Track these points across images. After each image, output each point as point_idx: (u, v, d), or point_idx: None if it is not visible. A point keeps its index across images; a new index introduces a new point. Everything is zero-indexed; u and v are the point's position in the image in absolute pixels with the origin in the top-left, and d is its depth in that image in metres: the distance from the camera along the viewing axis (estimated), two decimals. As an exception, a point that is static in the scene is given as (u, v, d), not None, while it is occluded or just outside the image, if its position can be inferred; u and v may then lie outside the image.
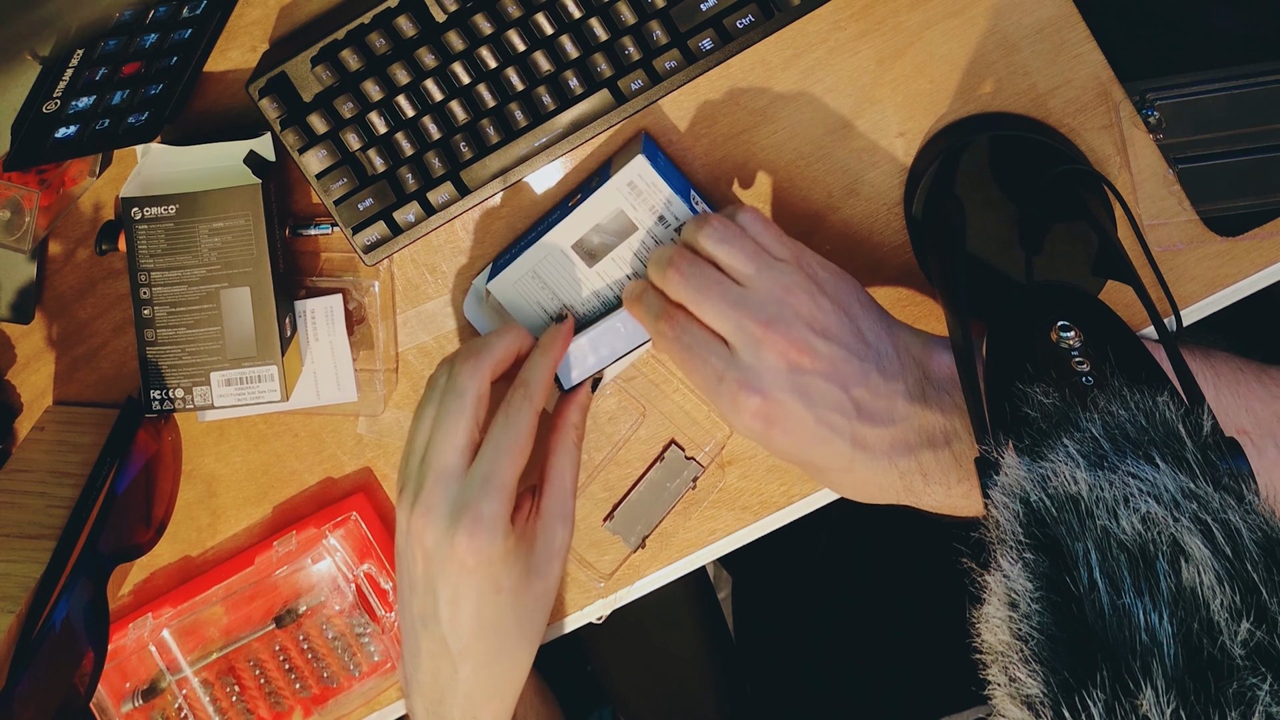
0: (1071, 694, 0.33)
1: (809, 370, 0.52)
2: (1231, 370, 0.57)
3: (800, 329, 0.52)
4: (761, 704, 0.89)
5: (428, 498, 0.55)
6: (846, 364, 0.52)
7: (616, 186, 0.59)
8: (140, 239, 0.61)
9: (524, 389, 0.57)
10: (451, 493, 0.54)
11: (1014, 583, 0.37)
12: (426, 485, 0.55)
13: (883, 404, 0.53)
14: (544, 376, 0.58)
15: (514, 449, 0.55)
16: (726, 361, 0.53)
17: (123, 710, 0.68)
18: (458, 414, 0.55)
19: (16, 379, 0.69)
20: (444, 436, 0.55)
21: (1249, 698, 0.31)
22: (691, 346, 0.54)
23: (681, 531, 0.68)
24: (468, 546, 0.53)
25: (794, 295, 0.53)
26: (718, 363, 0.53)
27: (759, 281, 0.53)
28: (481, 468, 0.55)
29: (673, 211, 0.60)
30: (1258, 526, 0.35)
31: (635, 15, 0.59)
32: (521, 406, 0.56)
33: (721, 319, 0.53)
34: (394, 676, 0.69)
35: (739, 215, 0.56)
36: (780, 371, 0.52)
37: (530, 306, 0.62)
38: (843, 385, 0.52)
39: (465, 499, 0.54)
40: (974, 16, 0.61)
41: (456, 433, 0.55)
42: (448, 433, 0.55)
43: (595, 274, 0.61)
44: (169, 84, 0.61)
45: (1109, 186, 0.59)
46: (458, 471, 0.55)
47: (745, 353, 0.52)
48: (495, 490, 0.54)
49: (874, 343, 0.54)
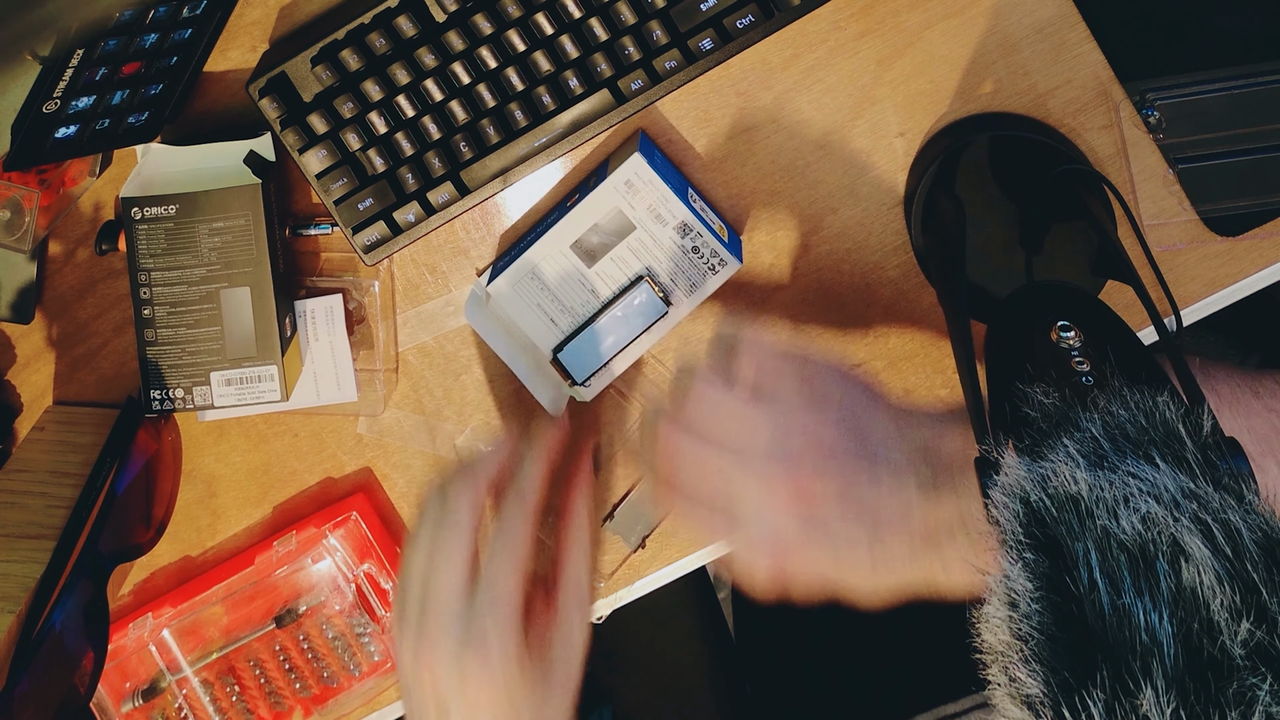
0: (1071, 694, 0.33)
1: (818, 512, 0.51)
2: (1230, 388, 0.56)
3: (801, 472, 0.51)
4: (761, 704, 0.89)
5: (431, 634, 0.52)
6: (855, 481, 0.52)
7: (613, 185, 0.59)
8: (140, 239, 0.61)
9: (517, 495, 0.55)
10: (455, 626, 0.51)
11: (1014, 583, 0.37)
12: (428, 623, 0.52)
13: (897, 503, 0.52)
14: (536, 479, 0.56)
15: (514, 564, 0.53)
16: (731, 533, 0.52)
17: (123, 710, 0.68)
18: (453, 545, 0.53)
19: (16, 379, 0.69)
20: (440, 570, 0.53)
21: (1249, 698, 0.31)
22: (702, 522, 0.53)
23: (681, 531, 0.68)
24: (478, 680, 0.51)
25: (792, 436, 0.52)
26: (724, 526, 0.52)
27: (752, 438, 0.52)
28: (483, 593, 0.52)
29: (670, 209, 0.60)
30: (1258, 526, 0.35)
31: (635, 15, 0.59)
32: (515, 515, 0.54)
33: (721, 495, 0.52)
34: (394, 676, 0.69)
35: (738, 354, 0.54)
36: (788, 526, 0.51)
37: (530, 308, 0.62)
38: (856, 511, 0.51)
39: (470, 631, 0.51)
40: (974, 16, 0.61)
41: (453, 564, 0.53)
42: (444, 565, 0.53)
43: (594, 274, 0.61)
44: (169, 84, 0.61)
45: (1109, 186, 0.59)
46: (458, 602, 0.52)
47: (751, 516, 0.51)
48: (500, 614, 0.51)
49: (880, 449, 0.53)
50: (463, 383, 0.68)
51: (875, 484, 0.52)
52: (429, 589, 0.52)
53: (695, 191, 0.62)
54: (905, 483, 0.52)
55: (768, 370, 0.54)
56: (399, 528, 0.70)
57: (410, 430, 0.68)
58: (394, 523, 0.70)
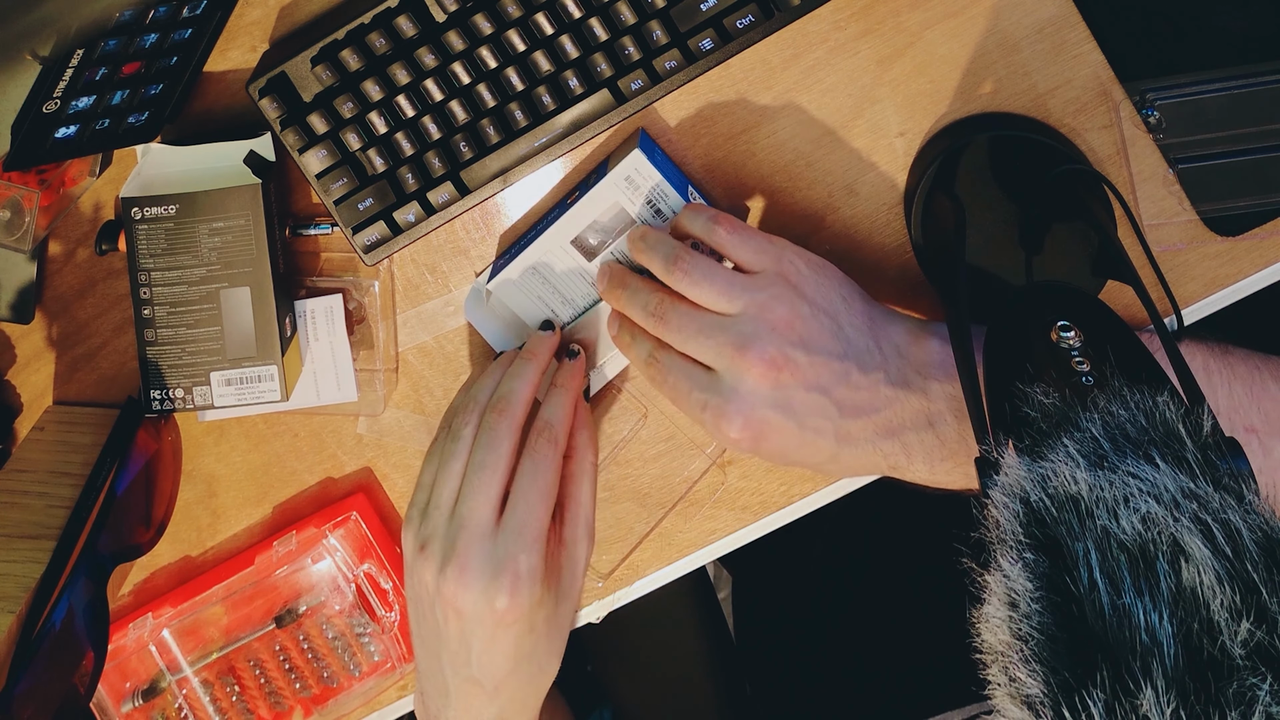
0: (1071, 694, 0.33)
1: (789, 384, 0.53)
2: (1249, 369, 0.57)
3: (777, 345, 0.53)
4: (761, 704, 0.89)
5: (462, 558, 0.54)
6: (826, 367, 0.54)
7: (614, 181, 0.59)
8: (140, 239, 0.61)
9: (549, 432, 0.57)
10: (486, 550, 0.54)
11: (1014, 583, 0.37)
12: (460, 543, 0.54)
13: (864, 396, 0.55)
14: (566, 416, 0.59)
15: (546, 498, 0.56)
16: (707, 390, 0.54)
17: (123, 710, 0.68)
18: (493, 469, 0.55)
19: (16, 379, 0.69)
20: (478, 491, 0.55)
21: (1249, 698, 0.31)
22: (677, 384, 0.56)
23: (681, 531, 0.68)
24: (509, 604, 0.54)
25: (771, 311, 0.54)
26: (700, 394, 0.55)
27: (736, 305, 0.54)
28: (515, 519, 0.55)
29: (670, 205, 0.60)
30: (1258, 526, 0.35)
31: (635, 15, 0.59)
32: (548, 453, 0.57)
33: (701, 352, 0.55)
34: (394, 676, 0.69)
35: (715, 232, 0.57)
36: (761, 392, 0.53)
37: (531, 304, 0.62)
38: (823, 390, 0.54)
39: (502, 556, 0.54)
40: (974, 16, 0.61)
41: (490, 487, 0.55)
42: (482, 488, 0.55)
43: (595, 269, 0.61)
44: (169, 84, 0.61)
45: (1109, 186, 0.59)
46: (491, 527, 0.55)
47: (727, 377, 0.54)
48: (531, 543, 0.54)
49: (854, 338, 0.55)
50: (462, 382, 0.68)
51: (845, 375, 0.54)
52: (464, 512, 0.55)
53: (694, 188, 0.62)
54: (874, 379, 0.55)
55: (749, 251, 0.56)
56: (399, 528, 0.70)
57: (410, 430, 0.68)
58: (394, 522, 0.70)
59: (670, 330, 0.56)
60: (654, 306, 0.57)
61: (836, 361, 0.54)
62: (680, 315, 0.56)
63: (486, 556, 0.54)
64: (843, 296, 0.56)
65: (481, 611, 0.54)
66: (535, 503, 0.55)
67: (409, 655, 0.68)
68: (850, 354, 0.55)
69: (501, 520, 0.55)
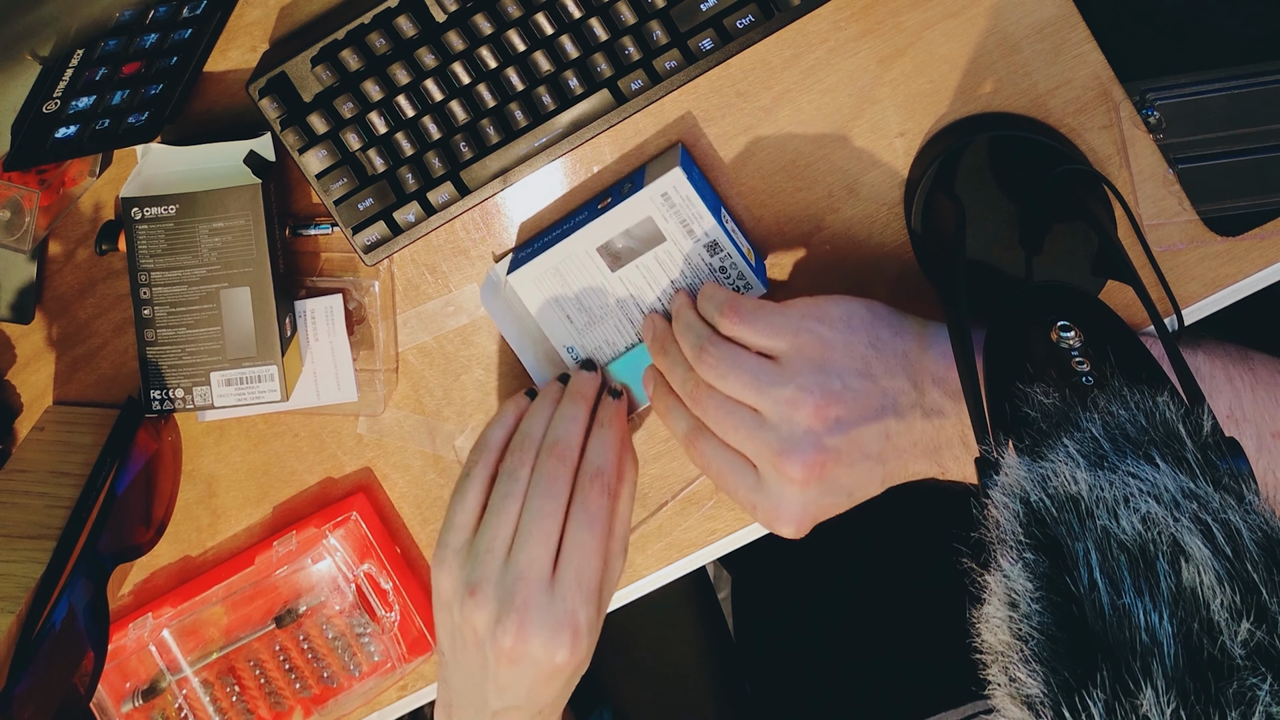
0: (1071, 694, 0.33)
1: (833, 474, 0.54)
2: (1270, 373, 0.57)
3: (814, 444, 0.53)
4: (761, 704, 0.89)
5: (521, 611, 0.53)
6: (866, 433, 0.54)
7: (650, 195, 0.59)
8: (140, 239, 0.61)
9: (600, 480, 0.56)
10: (545, 603, 0.53)
11: (1014, 583, 0.37)
12: (519, 596, 0.53)
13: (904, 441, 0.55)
14: (615, 459, 0.58)
15: (602, 548, 0.55)
16: (755, 491, 0.55)
17: (123, 710, 0.68)
18: (554, 517, 0.55)
19: (16, 379, 0.69)
20: (538, 541, 0.54)
21: (1249, 698, 0.31)
22: (721, 476, 0.56)
23: (681, 531, 0.68)
24: (568, 658, 0.53)
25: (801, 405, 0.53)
26: (747, 494, 0.55)
27: (764, 405, 0.54)
28: (573, 571, 0.54)
29: (703, 228, 0.60)
30: (1258, 526, 0.35)
31: (635, 15, 0.59)
32: (603, 503, 0.56)
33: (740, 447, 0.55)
34: (394, 676, 0.69)
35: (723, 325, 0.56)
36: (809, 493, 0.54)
37: (549, 303, 0.62)
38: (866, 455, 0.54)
39: (562, 612, 0.53)
40: (974, 16, 0.61)
41: (552, 537, 0.54)
42: (543, 538, 0.54)
43: (617, 279, 0.61)
44: (169, 84, 0.61)
45: (1109, 186, 0.59)
46: (549, 578, 0.54)
47: (772, 483, 0.54)
48: (590, 595, 0.54)
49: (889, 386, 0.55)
50: (463, 383, 0.68)
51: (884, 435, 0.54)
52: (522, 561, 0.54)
53: (728, 212, 0.63)
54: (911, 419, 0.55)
55: (764, 336, 0.56)
56: (399, 528, 0.70)
57: (410, 430, 0.68)
58: (394, 523, 0.70)
59: (708, 419, 0.56)
60: (690, 389, 0.56)
61: (875, 423, 0.54)
62: (716, 406, 0.55)
63: (546, 610, 0.53)
64: (871, 343, 0.55)
65: (540, 662, 0.53)
66: (591, 553, 0.54)
67: (409, 655, 0.68)
68: (888, 406, 0.54)
69: (558, 571, 0.54)
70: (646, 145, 0.64)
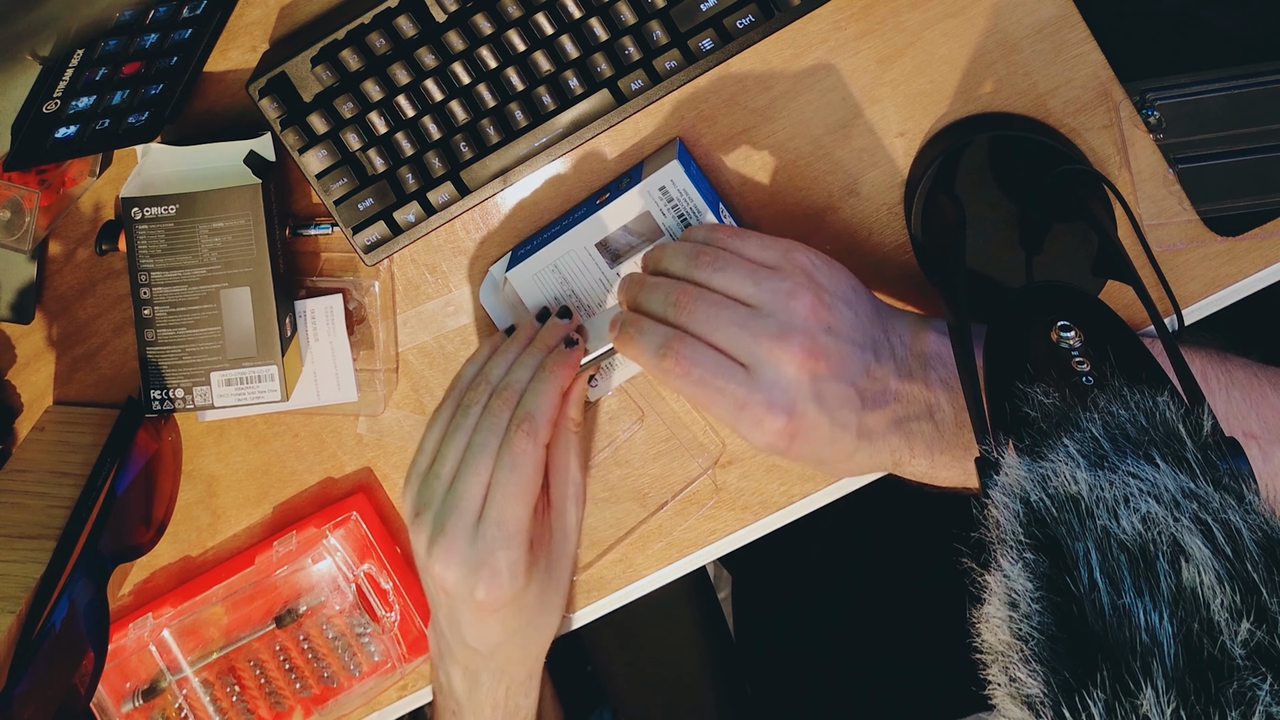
0: (1072, 694, 0.33)
1: (824, 376, 0.52)
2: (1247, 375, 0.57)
3: (811, 333, 0.52)
4: (761, 704, 0.89)
5: (448, 539, 0.56)
6: (852, 357, 0.53)
7: (648, 190, 0.59)
8: (140, 239, 0.61)
9: (528, 424, 0.57)
10: (469, 538, 0.56)
11: (1014, 583, 0.37)
12: (449, 524, 0.56)
13: (880, 387, 0.54)
14: (549, 405, 0.58)
15: (524, 490, 0.56)
16: (746, 386, 0.52)
17: (123, 710, 0.68)
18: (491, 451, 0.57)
19: (16, 379, 0.69)
20: (475, 472, 0.56)
21: (1249, 698, 0.31)
22: (705, 378, 0.52)
23: (681, 531, 0.68)
24: (487, 596, 0.56)
25: (798, 298, 0.53)
26: (738, 389, 0.52)
27: (761, 296, 0.53)
28: (494, 512, 0.56)
29: (699, 221, 0.60)
30: (1258, 526, 0.35)
31: (635, 15, 0.59)
32: (525, 446, 0.57)
33: (734, 340, 0.52)
34: (394, 676, 0.69)
35: (716, 237, 0.56)
36: (802, 384, 0.51)
37: (547, 299, 0.62)
38: (850, 380, 0.53)
39: (481, 550, 0.55)
40: (974, 16, 0.61)
41: (486, 471, 0.56)
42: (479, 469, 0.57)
43: (616, 275, 0.61)
44: (169, 84, 0.61)
45: (1109, 186, 0.59)
46: (477, 513, 0.56)
47: (765, 370, 0.51)
48: (510, 537, 0.56)
49: (868, 327, 0.55)
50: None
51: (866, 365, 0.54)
52: (459, 490, 0.56)
53: (726, 206, 0.63)
54: (887, 369, 0.54)
55: (756, 248, 0.55)
56: (399, 528, 0.70)
57: (410, 430, 0.68)
58: (394, 522, 0.70)
59: (697, 319, 0.53)
60: (676, 296, 0.54)
61: (860, 351, 0.53)
62: (708, 303, 0.53)
63: (468, 545, 0.55)
64: (852, 287, 0.56)
65: (464, 595, 0.56)
66: (512, 495, 0.56)
67: (409, 655, 0.68)
68: (868, 344, 0.54)
69: (484, 509, 0.56)
70: (646, 145, 0.64)
